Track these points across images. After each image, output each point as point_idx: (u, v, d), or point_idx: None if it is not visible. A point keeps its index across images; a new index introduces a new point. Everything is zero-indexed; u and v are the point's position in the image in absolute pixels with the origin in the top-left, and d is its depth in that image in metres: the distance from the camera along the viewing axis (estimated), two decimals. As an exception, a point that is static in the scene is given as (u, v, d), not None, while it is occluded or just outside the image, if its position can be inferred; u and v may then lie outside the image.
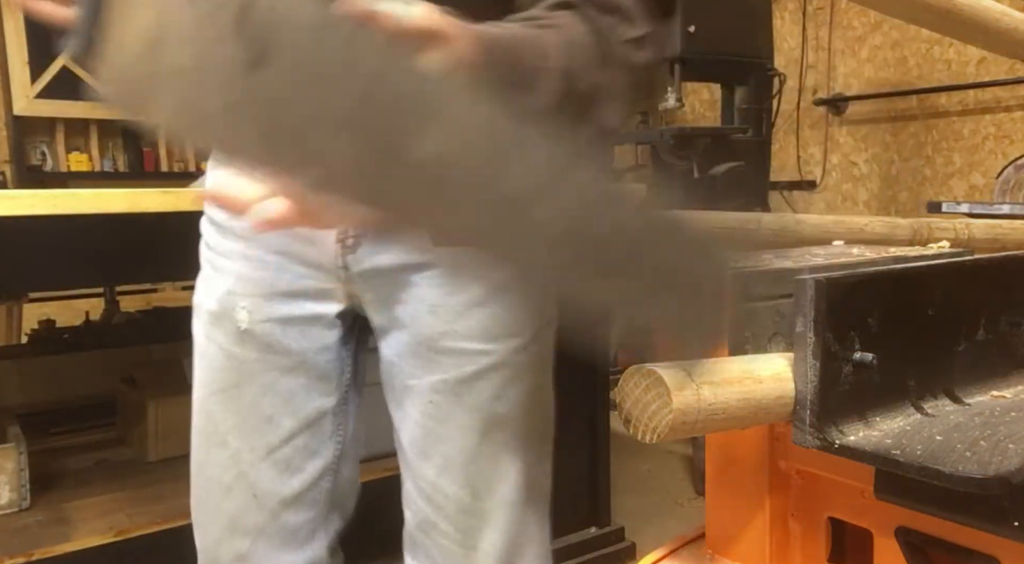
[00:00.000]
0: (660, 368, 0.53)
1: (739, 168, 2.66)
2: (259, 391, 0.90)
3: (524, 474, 0.91)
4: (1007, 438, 0.55)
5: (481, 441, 0.89)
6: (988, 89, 2.93)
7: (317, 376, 0.91)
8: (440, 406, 0.88)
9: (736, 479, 0.71)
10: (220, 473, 0.93)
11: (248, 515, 0.93)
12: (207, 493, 0.95)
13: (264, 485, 0.93)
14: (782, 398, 0.57)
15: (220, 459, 0.93)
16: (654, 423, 0.52)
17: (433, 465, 0.90)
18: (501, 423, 0.90)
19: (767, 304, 0.65)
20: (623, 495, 2.39)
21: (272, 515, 0.93)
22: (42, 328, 2.65)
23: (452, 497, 0.90)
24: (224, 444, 0.93)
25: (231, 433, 0.92)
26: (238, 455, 0.92)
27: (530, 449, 0.92)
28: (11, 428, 1.77)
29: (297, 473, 0.93)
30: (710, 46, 2.65)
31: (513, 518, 0.91)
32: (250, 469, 0.92)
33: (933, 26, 1.21)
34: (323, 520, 0.97)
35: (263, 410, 0.91)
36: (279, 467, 0.92)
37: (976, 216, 1.90)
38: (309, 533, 0.96)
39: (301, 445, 0.93)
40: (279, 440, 0.92)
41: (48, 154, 4.43)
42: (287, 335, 0.88)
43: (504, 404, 0.89)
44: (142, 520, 1.61)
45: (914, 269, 0.66)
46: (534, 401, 0.92)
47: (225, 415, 0.92)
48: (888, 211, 3.27)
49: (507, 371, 0.89)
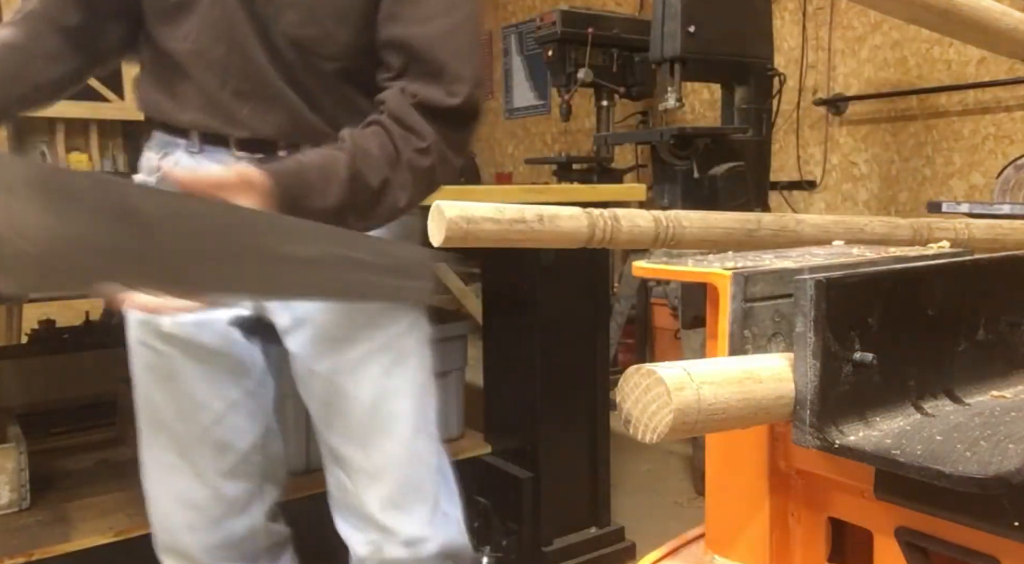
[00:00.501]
0: (660, 368, 0.53)
1: (739, 168, 2.66)
2: (190, 379, 1.07)
3: (408, 435, 1.09)
4: (1007, 438, 0.55)
5: (372, 410, 1.08)
6: (988, 89, 2.92)
7: (235, 364, 1.09)
8: (338, 384, 1.07)
9: (736, 479, 0.71)
10: (164, 453, 1.10)
11: (193, 490, 1.10)
12: (156, 471, 1.12)
13: (203, 463, 1.09)
14: (782, 398, 0.57)
15: (164, 441, 1.10)
16: (654, 423, 0.52)
17: (335, 433, 1.10)
18: (388, 396, 1.08)
19: (767, 304, 0.65)
20: (623, 495, 2.39)
21: (213, 489, 1.10)
22: (42, 328, 2.65)
23: (350, 457, 1.09)
24: (167, 428, 1.10)
25: (173, 418, 1.09)
26: (179, 437, 1.09)
27: (413, 415, 1.10)
28: (11, 428, 1.77)
29: (230, 451, 1.10)
30: (710, 46, 2.65)
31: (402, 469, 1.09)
32: (189, 450, 1.09)
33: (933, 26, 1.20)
34: (258, 490, 1.14)
35: (196, 396, 1.08)
36: (214, 447, 1.09)
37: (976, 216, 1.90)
38: (247, 502, 1.13)
39: (231, 425, 1.09)
40: (211, 422, 1.08)
41: (48, 154, 4.42)
42: (202, 335, 1.05)
43: (391, 379, 1.08)
44: (142, 520, 1.59)
45: (914, 269, 0.66)
46: (417, 378, 1.11)
47: (166, 403, 1.09)
48: (888, 211, 3.27)
49: (392, 352, 1.08)
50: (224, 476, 1.10)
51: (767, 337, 0.65)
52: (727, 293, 0.64)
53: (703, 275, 0.67)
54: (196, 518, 1.10)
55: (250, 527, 1.14)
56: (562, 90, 3.60)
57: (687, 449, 2.77)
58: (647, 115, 4.22)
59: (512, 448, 2.06)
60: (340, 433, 1.09)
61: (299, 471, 1.76)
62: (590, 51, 3.44)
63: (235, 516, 1.12)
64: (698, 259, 0.74)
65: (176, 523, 1.12)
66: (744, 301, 0.64)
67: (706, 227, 0.83)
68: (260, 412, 1.13)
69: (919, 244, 0.91)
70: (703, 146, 2.67)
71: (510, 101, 5.45)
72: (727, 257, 0.76)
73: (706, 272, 0.67)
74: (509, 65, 5.41)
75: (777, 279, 0.66)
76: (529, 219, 0.65)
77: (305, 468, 1.78)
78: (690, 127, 2.92)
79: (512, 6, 5.38)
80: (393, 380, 1.08)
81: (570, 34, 3.41)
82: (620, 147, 4.27)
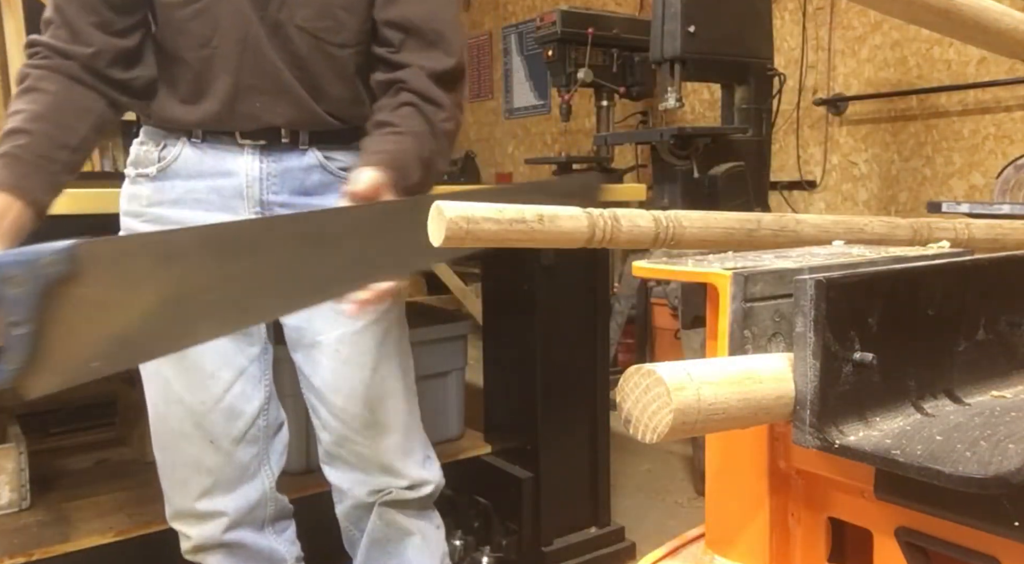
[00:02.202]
0: (660, 368, 0.53)
1: (739, 168, 2.66)
2: (199, 351, 1.14)
3: (404, 392, 1.27)
4: (1007, 438, 0.55)
5: (373, 374, 1.22)
6: (988, 89, 2.92)
7: (241, 333, 1.17)
8: (343, 352, 1.21)
9: (736, 479, 0.71)
10: (179, 424, 1.17)
11: (208, 456, 1.18)
12: (171, 441, 1.19)
13: (217, 430, 1.18)
14: (782, 398, 0.57)
15: (178, 412, 1.17)
16: (654, 423, 0.52)
17: (342, 395, 1.22)
18: (384, 360, 1.24)
19: (767, 304, 0.65)
20: (623, 495, 2.40)
21: (227, 454, 1.19)
22: (42, 328, 2.64)
23: (359, 415, 1.22)
24: (180, 400, 1.17)
25: (184, 390, 1.16)
26: (192, 407, 1.16)
27: (404, 376, 1.28)
28: (11, 428, 1.77)
29: (240, 416, 1.19)
30: (710, 46, 2.65)
31: (403, 422, 1.26)
32: (203, 419, 1.17)
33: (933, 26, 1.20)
34: (265, 454, 1.24)
35: (205, 367, 1.16)
36: (226, 414, 1.18)
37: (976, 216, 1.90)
38: (256, 467, 1.23)
39: (239, 392, 1.18)
40: (222, 390, 1.17)
41: (48, 154, 4.41)
42: None
43: (385, 347, 1.24)
44: (142, 520, 1.61)
45: (914, 269, 0.66)
46: (402, 344, 1.29)
47: (177, 376, 1.16)
48: (888, 211, 3.27)
49: (383, 323, 1.23)
50: (235, 441, 1.19)
51: (767, 337, 0.65)
52: (727, 293, 0.64)
53: (703, 275, 0.67)
54: (212, 483, 1.18)
55: (261, 492, 1.23)
56: (562, 90, 3.60)
57: (687, 449, 2.77)
58: (647, 115, 4.21)
59: (512, 448, 2.06)
60: (347, 395, 1.21)
61: (299, 471, 1.76)
62: (590, 51, 3.44)
63: (248, 481, 1.21)
64: (698, 259, 0.74)
65: (193, 489, 1.18)
66: (744, 301, 0.64)
67: (706, 227, 0.83)
68: (263, 377, 1.22)
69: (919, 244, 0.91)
70: (703, 146, 2.67)
71: (510, 101, 5.44)
72: (727, 257, 0.76)
73: (706, 272, 0.67)
74: (509, 65, 5.41)
75: (777, 279, 0.66)
76: (529, 219, 0.65)
77: (305, 468, 1.78)
78: (690, 127, 2.92)
79: (512, 6, 5.38)
80: (386, 347, 1.24)
81: (570, 34, 3.41)
82: (620, 147, 4.27)
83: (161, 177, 1.16)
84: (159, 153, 1.16)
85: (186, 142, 1.15)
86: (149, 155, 1.17)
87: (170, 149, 1.15)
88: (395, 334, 1.27)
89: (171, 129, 1.16)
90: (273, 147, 1.15)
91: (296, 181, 1.17)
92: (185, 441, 1.18)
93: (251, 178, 1.15)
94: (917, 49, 3.13)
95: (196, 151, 1.15)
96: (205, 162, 1.15)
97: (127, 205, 1.20)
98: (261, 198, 1.15)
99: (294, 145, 1.16)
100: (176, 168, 1.15)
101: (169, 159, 1.15)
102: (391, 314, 1.25)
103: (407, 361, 1.30)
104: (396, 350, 1.26)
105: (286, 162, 1.16)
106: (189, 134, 1.14)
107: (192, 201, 1.15)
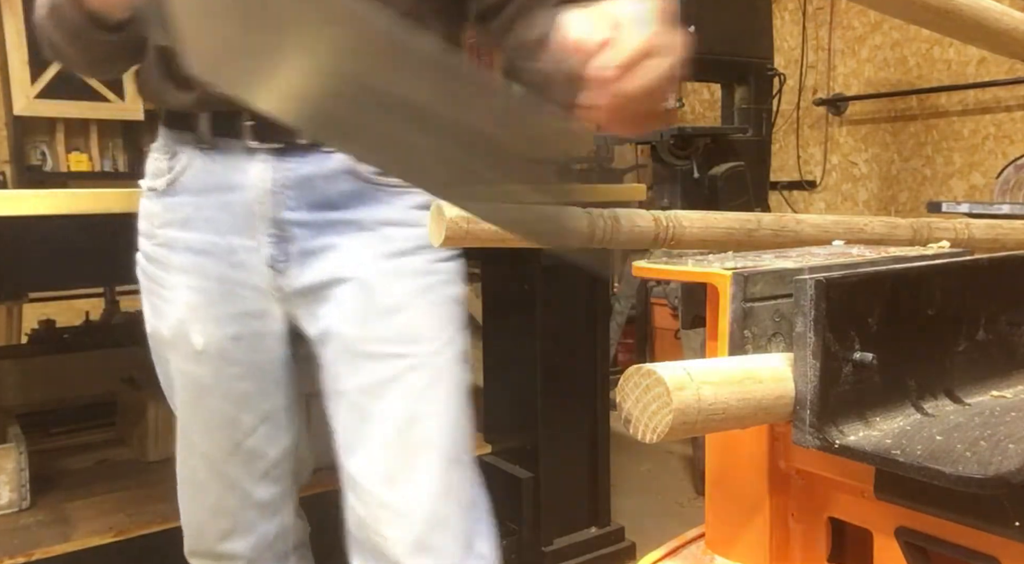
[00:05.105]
0: (660, 368, 0.53)
1: (739, 168, 2.66)
2: (219, 399, 1.01)
3: (443, 470, 0.95)
4: (1007, 438, 0.55)
5: (400, 438, 0.95)
6: (988, 89, 2.93)
7: (270, 381, 1.03)
8: (363, 406, 0.96)
9: (736, 479, 0.71)
10: (195, 472, 1.07)
11: (227, 500, 1.06)
12: (189, 486, 1.09)
13: (235, 474, 1.05)
14: (782, 398, 0.57)
15: (194, 461, 1.06)
16: (654, 423, 0.52)
17: (357, 460, 0.97)
18: (420, 421, 0.95)
19: (767, 304, 0.65)
20: (623, 495, 2.39)
21: (246, 496, 1.06)
22: (42, 328, 2.65)
23: (371, 489, 0.95)
24: (195, 446, 1.06)
25: (200, 438, 1.05)
26: (209, 455, 1.05)
27: (449, 447, 0.96)
28: (11, 428, 1.77)
29: (262, 458, 1.05)
30: (710, 46, 2.65)
31: (432, 509, 0.94)
32: (222, 465, 1.04)
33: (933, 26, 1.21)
34: (289, 492, 1.10)
35: (225, 414, 1.02)
36: (246, 456, 1.05)
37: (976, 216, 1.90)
38: (279, 504, 1.09)
39: (263, 434, 1.04)
40: (243, 434, 1.03)
41: (48, 154, 4.42)
42: (239, 349, 1.00)
43: (423, 404, 0.95)
44: (142, 520, 1.61)
45: (914, 269, 0.66)
46: (452, 401, 0.97)
47: (193, 422, 1.05)
48: (888, 211, 3.27)
49: (425, 373, 0.96)
50: (256, 482, 1.07)
51: (767, 337, 0.65)
52: (727, 293, 0.64)
53: (703, 275, 0.67)
54: (230, 525, 1.08)
55: (281, 527, 1.12)
56: (562, 90, 3.59)
57: (687, 449, 2.77)
58: (647, 115, 4.21)
59: (512, 448, 2.06)
60: (363, 462, 0.96)
61: (299, 471, 1.76)
62: (590, 51, 3.44)
63: (268, 519, 1.10)
64: (698, 259, 0.74)
65: (210, 532, 1.09)
66: (744, 301, 0.64)
67: (706, 227, 0.83)
68: (293, 423, 1.08)
69: (919, 244, 0.91)
70: (703, 146, 2.67)
71: (510, 101, 5.44)
72: (727, 257, 0.76)
73: (706, 272, 0.67)
74: (509, 65, 5.41)
75: (777, 279, 0.66)
76: (529, 219, 0.65)
77: (306, 468, 1.78)
78: (690, 127, 2.92)
79: (512, 6, 5.37)
80: (425, 404, 0.96)
81: (570, 34, 3.40)
82: (620, 147, 4.26)
83: (170, 192, 1.01)
84: (168, 163, 1.01)
85: (195, 150, 0.99)
86: (159, 165, 1.03)
87: (180, 158, 1.00)
88: (445, 386, 0.97)
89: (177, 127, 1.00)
90: (290, 152, 0.95)
91: (316, 193, 0.96)
92: (202, 489, 1.07)
93: (261, 191, 0.95)
94: (917, 49, 3.13)
95: (205, 160, 0.98)
96: (214, 173, 0.98)
97: (141, 223, 1.06)
98: (274, 216, 0.96)
99: (315, 145, 0.95)
100: (185, 182, 1.00)
101: (178, 170, 1.00)
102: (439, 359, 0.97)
103: (456, 422, 0.98)
104: (442, 409, 0.97)
105: (305, 169, 0.95)
106: (198, 139, 0.98)
107: (202, 222, 0.99)
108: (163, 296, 1.01)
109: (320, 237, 0.97)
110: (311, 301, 0.98)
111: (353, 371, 0.96)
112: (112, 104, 4.35)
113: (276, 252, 0.96)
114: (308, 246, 0.97)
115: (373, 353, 0.96)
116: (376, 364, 0.95)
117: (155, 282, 1.02)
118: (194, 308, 0.98)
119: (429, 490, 0.95)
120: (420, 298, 0.97)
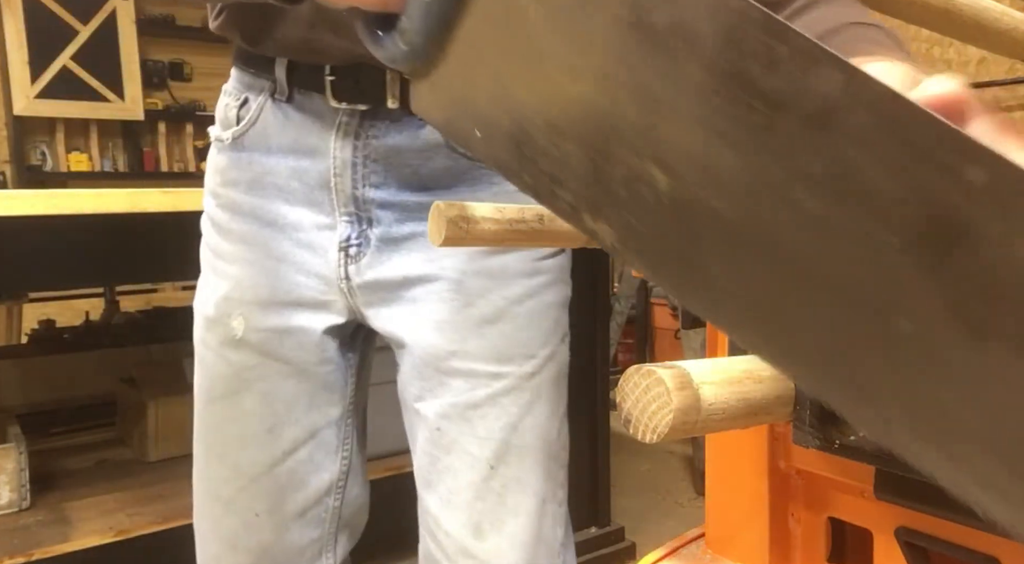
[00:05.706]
0: (660, 368, 0.53)
1: (739, 168, 2.66)
2: (259, 400, 0.84)
3: (536, 512, 0.83)
4: (1007, 438, 0.55)
5: (490, 474, 0.81)
6: (988, 89, 2.93)
7: (320, 385, 0.85)
8: (447, 434, 0.81)
9: (736, 479, 0.71)
10: (220, 486, 0.87)
11: (250, 533, 0.86)
12: (208, 507, 0.89)
13: (266, 501, 0.86)
14: (782, 398, 0.57)
15: (220, 472, 0.87)
16: (654, 423, 0.52)
17: (437, 497, 0.83)
18: (514, 454, 0.81)
19: (767, 304, 0.65)
20: (623, 495, 2.40)
21: (275, 533, 0.86)
22: (42, 328, 2.65)
23: (454, 535, 0.82)
24: (224, 456, 0.87)
25: (231, 444, 0.86)
26: (238, 468, 0.86)
27: (544, 484, 0.83)
28: (11, 428, 1.77)
29: (301, 488, 0.86)
30: (710, 46, 2.65)
31: (518, 558, 0.82)
32: (251, 483, 0.85)
33: (933, 26, 1.20)
34: (331, 540, 0.89)
35: (264, 420, 0.85)
36: (281, 481, 0.85)
37: (976, 216, 1.89)
38: (315, 554, 0.89)
39: (305, 457, 0.86)
40: (282, 452, 0.85)
41: (48, 154, 4.43)
42: (284, 345, 0.83)
43: (517, 434, 0.81)
44: (142, 520, 1.61)
45: (914, 269, 0.65)
46: (549, 429, 0.84)
47: (224, 425, 0.86)
48: (888, 211, 3.27)
49: (521, 396, 0.82)
50: (290, 519, 0.87)
51: (767, 337, 0.65)
52: (727, 293, 0.64)
53: (703, 275, 0.67)
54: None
55: None
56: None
57: (687, 449, 2.77)
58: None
59: (512, 448, 2.06)
60: (445, 503, 0.82)
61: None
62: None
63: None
64: (698, 259, 0.74)
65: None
66: (744, 301, 0.64)
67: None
68: (344, 445, 0.89)
69: (919, 244, 0.91)
70: (703, 146, 2.67)
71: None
72: (727, 257, 0.76)
73: (706, 272, 0.67)
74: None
75: (777, 279, 0.65)
76: (529, 219, 0.65)
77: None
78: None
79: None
80: (518, 435, 0.82)
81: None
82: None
83: (237, 147, 0.84)
84: (238, 112, 0.84)
85: (268, 98, 0.82)
86: (229, 114, 0.85)
87: (250, 106, 0.83)
88: (542, 412, 0.83)
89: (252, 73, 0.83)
90: (378, 116, 0.78)
91: (407, 169, 0.80)
92: (224, 510, 0.87)
93: (341, 162, 0.79)
94: (917, 49, 3.13)
95: (279, 113, 0.81)
96: (288, 131, 0.81)
97: (208, 177, 0.90)
98: (354, 192, 0.80)
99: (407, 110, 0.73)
100: (254, 136, 0.83)
101: (247, 121, 0.83)
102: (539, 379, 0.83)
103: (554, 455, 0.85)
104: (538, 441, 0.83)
105: (394, 139, 0.79)
106: (273, 85, 0.81)
107: (271, 187, 0.82)
108: (216, 268, 0.85)
109: (408, 222, 0.80)
110: (388, 298, 0.81)
111: (435, 390, 0.82)
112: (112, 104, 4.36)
113: (353, 234, 0.80)
114: (392, 232, 0.80)
115: (460, 370, 0.81)
116: (463, 384, 0.81)
117: (213, 252, 0.85)
118: (243, 286, 0.82)
119: (520, 539, 0.82)
120: (521, 306, 0.82)
